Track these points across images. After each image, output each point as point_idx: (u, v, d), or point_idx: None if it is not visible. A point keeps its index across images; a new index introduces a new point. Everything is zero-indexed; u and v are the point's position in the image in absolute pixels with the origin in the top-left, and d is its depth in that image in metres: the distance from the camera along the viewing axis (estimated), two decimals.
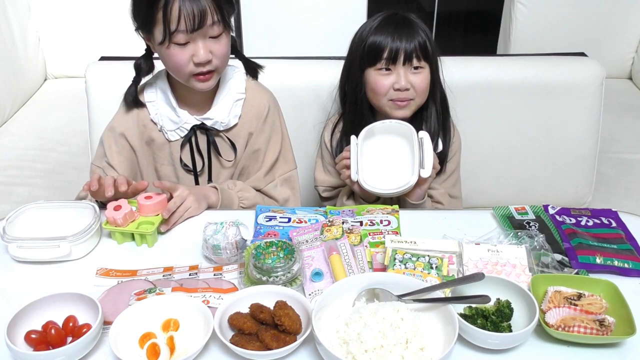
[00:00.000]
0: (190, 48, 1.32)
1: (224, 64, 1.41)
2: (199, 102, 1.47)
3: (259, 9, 2.71)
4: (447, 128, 1.61)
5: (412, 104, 1.53)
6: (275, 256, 1.12)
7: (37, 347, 0.99)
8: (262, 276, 1.11)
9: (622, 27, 2.78)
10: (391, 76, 1.50)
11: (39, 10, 2.79)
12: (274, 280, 1.10)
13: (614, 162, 2.25)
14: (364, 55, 1.51)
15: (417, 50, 1.47)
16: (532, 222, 1.32)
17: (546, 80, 1.85)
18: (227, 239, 1.18)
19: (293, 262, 1.12)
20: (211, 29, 1.32)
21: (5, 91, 2.56)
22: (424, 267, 1.14)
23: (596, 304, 1.05)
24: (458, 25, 3.80)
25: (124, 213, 1.26)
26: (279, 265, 1.10)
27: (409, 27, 1.49)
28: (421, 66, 1.50)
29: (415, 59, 1.48)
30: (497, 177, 1.94)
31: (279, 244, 1.16)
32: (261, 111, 1.51)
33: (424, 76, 1.51)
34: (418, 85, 1.50)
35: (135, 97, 1.47)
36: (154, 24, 1.31)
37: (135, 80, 1.47)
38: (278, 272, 1.10)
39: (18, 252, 1.22)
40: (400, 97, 1.50)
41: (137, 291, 1.11)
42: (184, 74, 1.37)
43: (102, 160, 1.54)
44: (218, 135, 1.49)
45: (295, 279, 1.13)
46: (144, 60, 1.45)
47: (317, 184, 1.69)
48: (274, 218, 1.34)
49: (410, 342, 0.96)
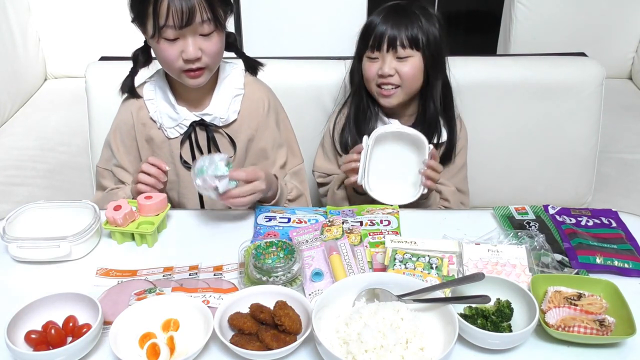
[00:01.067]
0: (179, 44, 1.32)
1: (216, 61, 1.40)
2: (198, 98, 1.47)
3: (259, 9, 2.70)
4: (450, 117, 1.62)
5: (399, 92, 1.53)
6: (275, 256, 1.12)
7: (37, 347, 0.99)
8: (262, 276, 1.11)
9: (622, 27, 2.78)
10: (378, 62, 1.52)
11: (39, 10, 2.79)
12: (274, 280, 1.10)
13: (614, 162, 2.25)
14: (359, 41, 1.55)
15: (404, 39, 1.48)
16: (532, 222, 1.32)
17: (546, 80, 1.85)
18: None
19: (293, 262, 1.12)
20: (201, 27, 1.31)
21: (5, 91, 2.56)
22: (424, 267, 1.14)
23: (596, 304, 1.05)
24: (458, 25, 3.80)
25: (124, 213, 1.26)
26: (279, 265, 1.10)
27: (403, 16, 1.49)
28: (408, 55, 1.49)
29: (400, 47, 1.48)
30: (497, 177, 1.94)
31: (279, 244, 1.16)
32: (260, 106, 1.51)
33: (412, 65, 1.50)
34: (404, 73, 1.50)
35: (131, 87, 1.47)
36: (146, 17, 1.31)
37: (132, 71, 1.47)
38: (278, 272, 1.10)
39: (18, 252, 1.22)
40: (384, 82, 1.52)
41: (137, 291, 1.11)
42: (173, 69, 1.37)
43: (109, 163, 1.54)
44: (217, 131, 1.49)
45: (295, 279, 1.13)
46: (141, 52, 1.46)
47: (315, 169, 1.72)
48: (273, 218, 1.34)
49: (410, 342, 0.96)
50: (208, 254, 1.25)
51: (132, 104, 1.50)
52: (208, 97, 1.47)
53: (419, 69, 1.52)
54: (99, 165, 1.58)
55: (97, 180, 1.59)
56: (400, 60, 1.50)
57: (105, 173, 1.56)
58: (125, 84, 1.48)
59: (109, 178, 1.55)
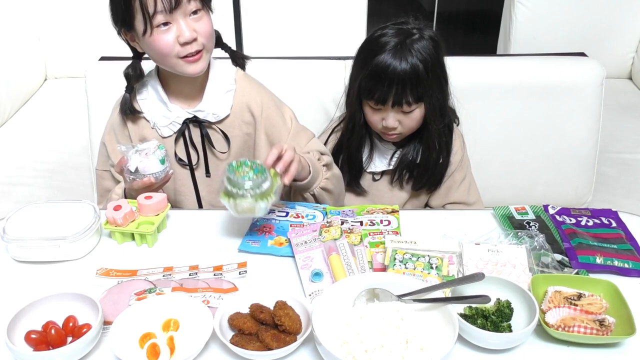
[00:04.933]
0: (173, 30, 1.32)
1: (211, 42, 1.40)
2: (190, 94, 1.47)
3: (259, 9, 2.71)
4: (448, 144, 1.59)
5: (401, 136, 1.54)
6: (246, 175, 1.20)
7: (37, 347, 0.99)
8: (234, 188, 1.19)
9: (622, 27, 2.78)
10: (380, 112, 1.49)
11: (39, 10, 2.79)
12: (244, 194, 1.19)
13: (614, 162, 2.25)
14: (361, 86, 1.49)
15: (409, 97, 1.43)
16: (532, 222, 1.32)
17: (546, 80, 1.85)
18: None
19: (263, 179, 1.20)
20: (188, 5, 1.32)
21: (5, 91, 2.56)
22: (424, 267, 1.14)
23: (596, 304, 1.05)
24: (458, 25, 3.80)
25: (124, 213, 1.26)
26: (248, 180, 1.19)
27: (405, 68, 1.41)
28: (412, 109, 1.47)
29: (405, 105, 1.45)
30: (497, 177, 1.94)
31: (250, 164, 1.22)
32: (252, 101, 1.50)
33: (415, 116, 1.48)
34: (407, 124, 1.50)
35: (131, 106, 1.47)
36: (133, 15, 1.31)
37: (128, 89, 1.47)
38: (247, 186, 1.19)
39: (18, 252, 1.22)
40: (388, 133, 1.52)
41: (137, 291, 1.12)
42: (172, 58, 1.35)
43: (106, 164, 1.54)
44: (211, 127, 1.49)
45: (267, 195, 1.21)
46: (131, 67, 1.45)
47: None
48: (272, 211, 1.35)
49: (410, 342, 0.96)
50: (208, 254, 1.25)
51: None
52: (200, 93, 1.47)
53: (421, 117, 1.50)
54: (97, 168, 1.58)
55: (98, 183, 1.59)
56: (403, 113, 1.48)
57: (105, 174, 1.56)
58: (124, 103, 1.47)
59: (109, 179, 1.55)
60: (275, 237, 1.29)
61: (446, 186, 1.62)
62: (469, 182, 1.66)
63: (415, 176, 1.59)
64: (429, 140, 1.55)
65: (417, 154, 1.58)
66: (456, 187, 1.63)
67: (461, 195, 1.64)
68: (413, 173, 1.59)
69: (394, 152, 1.59)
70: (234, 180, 1.19)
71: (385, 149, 1.59)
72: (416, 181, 1.60)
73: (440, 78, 1.49)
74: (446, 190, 1.62)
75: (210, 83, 1.47)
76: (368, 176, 1.63)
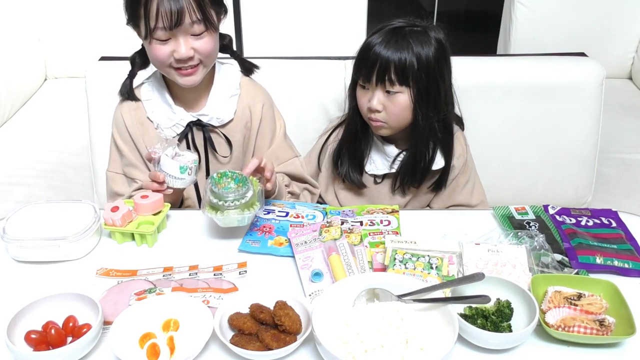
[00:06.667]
0: (171, 44, 1.33)
1: (210, 59, 1.40)
2: (194, 98, 1.47)
3: (259, 9, 2.70)
4: (448, 145, 1.56)
5: (387, 126, 1.49)
6: (227, 186, 1.22)
7: (37, 347, 0.99)
8: (218, 201, 1.21)
9: (622, 27, 2.78)
10: (368, 93, 1.46)
11: (39, 10, 2.79)
12: (229, 205, 1.21)
13: (614, 162, 2.25)
14: (354, 64, 1.49)
15: (392, 74, 1.40)
16: (532, 222, 1.32)
17: (546, 80, 1.85)
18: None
19: (246, 190, 1.22)
20: (191, 28, 1.31)
21: (5, 91, 2.56)
22: (424, 267, 1.14)
23: (596, 304, 1.05)
24: (458, 25, 3.80)
25: (122, 214, 1.27)
26: (230, 192, 1.21)
27: (396, 48, 1.40)
28: (396, 91, 1.42)
29: (388, 82, 1.41)
30: (497, 177, 1.94)
31: (229, 175, 1.24)
32: (254, 106, 1.51)
33: (398, 101, 1.43)
34: (391, 110, 1.44)
35: (130, 89, 1.47)
36: (138, 18, 1.32)
37: (130, 74, 1.48)
38: (229, 197, 1.20)
39: (18, 252, 1.22)
40: (372, 117, 1.47)
41: (137, 291, 1.12)
42: (166, 67, 1.37)
43: (119, 165, 1.52)
44: (214, 131, 1.50)
45: (251, 205, 1.23)
46: (139, 54, 1.46)
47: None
48: (272, 211, 1.35)
49: (410, 342, 0.96)
50: (208, 254, 1.25)
51: (129, 105, 1.49)
52: (204, 98, 1.48)
53: (407, 107, 1.44)
54: (109, 170, 1.54)
55: (109, 186, 1.55)
56: (389, 95, 1.43)
57: (117, 178, 1.53)
58: (124, 86, 1.48)
59: (121, 183, 1.53)
60: (275, 237, 1.29)
61: (449, 189, 1.61)
62: (473, 185, 1.65)
63: (417, 180, 1.58)
64: (417, 134, 1.49)
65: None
66: (459, 190, 1.62)
67: (464, 198, 1.63)
68: (416, 177, 1.57)
69: (396, 155, 1.57)
70: (218, 193, 1.21)
71: (386, 150, 1.59)
72: (417, 182, 1.59)
73: (436, 71, 1.44)
74: (449, 193, 1.61)
75: (215, 87, 1.47)
76: (369, 179, 1.63)
